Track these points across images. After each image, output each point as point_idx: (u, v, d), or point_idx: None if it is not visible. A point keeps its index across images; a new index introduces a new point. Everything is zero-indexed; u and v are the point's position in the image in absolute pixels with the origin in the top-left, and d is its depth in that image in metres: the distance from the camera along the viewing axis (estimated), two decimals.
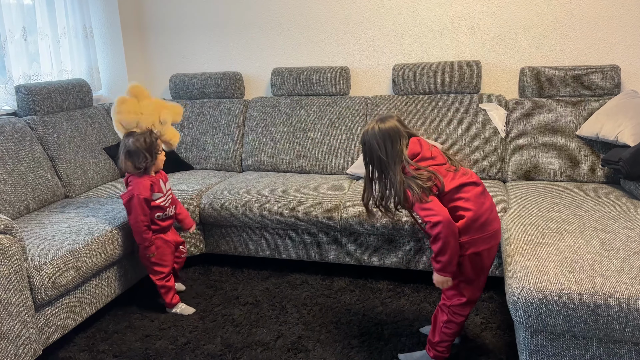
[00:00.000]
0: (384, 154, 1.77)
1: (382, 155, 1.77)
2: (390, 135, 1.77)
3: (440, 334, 1.87)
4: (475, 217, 1.72)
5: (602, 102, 2.78)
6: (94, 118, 3.17)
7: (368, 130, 1.81)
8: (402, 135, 1.79)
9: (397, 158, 1.76)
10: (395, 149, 1.76)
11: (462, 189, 1.75)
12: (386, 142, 1.77)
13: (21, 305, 1.83)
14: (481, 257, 1.78)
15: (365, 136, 1.82)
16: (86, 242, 2.15)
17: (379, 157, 1.78)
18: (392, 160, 1.77)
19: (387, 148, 1.77)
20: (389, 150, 1.77)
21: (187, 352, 2.08)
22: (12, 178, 2.49)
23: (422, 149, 1.79)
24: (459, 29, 3.14)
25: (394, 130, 1.78)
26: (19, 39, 2.93)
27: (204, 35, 3.61)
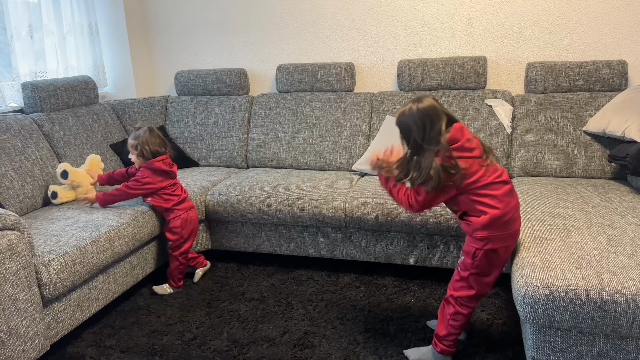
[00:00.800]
0: (421, 136, 1.69)
1: (417, 137, 1.70)
2: (430, 115, 1.69)
3: (448, 326, 1.85)
4: (501, 215, 1.69)
5: (609, 97, 2.76)
6: (99, 115, 3.18)
7: (405, 112, 1.73)
8: (440, 116, 1.70)
9: (434, 139, 1.68)
10: (434, 129, 1.68)
11: (492, 186, 1.71)
12: (425, 122, 1.69)
13: (29, 301, 1.84)
14: (497, 254, 1.75)
15: (402, 117, 1.74)
16: (93, 239, 2.16)
17: (414, 139, 1.70)
18: (427, 142, 1.69)
19: (426, 129, 1.69)
20: (428, 131, 1.69)
21: (193, 348, 2.09)
22: (19, 175, 2.50)
23: (463, 137, 1.70)
24: (464, 24, 3.13)
25: (433, 110, 1.70)
26: (25, 36, 2.95)
27: (209, 32, 3.61)
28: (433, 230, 2.44)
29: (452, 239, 2.48)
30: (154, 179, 2.47)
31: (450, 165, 1.66)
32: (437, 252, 2.52)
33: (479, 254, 1.74)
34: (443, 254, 2.51)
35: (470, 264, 1.77)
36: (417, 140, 1.70)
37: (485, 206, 1.70)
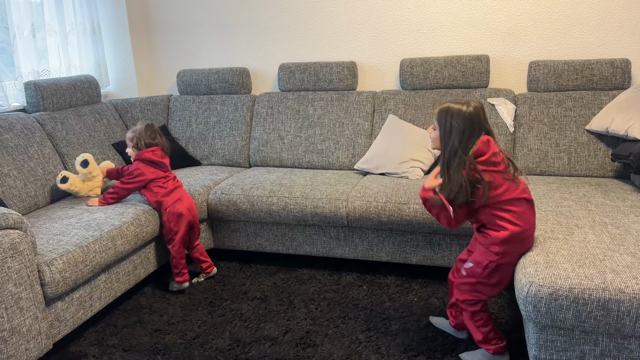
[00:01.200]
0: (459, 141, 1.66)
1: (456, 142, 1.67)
2: (473, 124, 1.67)
3: (479, 329, 1.85)
4: (520, 232, 1.70)
5: (612, 96, 2.75)
6: (102, 114, 3.18)
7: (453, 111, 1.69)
8: (482, 127, 1.68)
9: (467, 148, 1.66)
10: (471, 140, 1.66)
11: (514, 202, 1.69)
12: (466, 129, 1.66)
13: (32, 300, 1.85)
14: (509, 267, 1.77)
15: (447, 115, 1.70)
16: (95, 238, 2.16)
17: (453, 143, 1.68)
18: (464, 149, 1.66)
19: (466, 135, 1.66)
20: (465, 138, 1.66)
21: (196, 347, 2.09)
22: (22, 174, 2.51)
23: (489, 151, 1.68)
24: (466, 23, 3.12)
25: (477, 120, 1.67)
26: (27, 36, 2.95)
27: (211, 31, 3.61)
28: (435, 229, 2.44)
29: (454, 238, 2.48)
30: (145, 170, 2.52)
31: (475, 179, 1.66)
32: (440, 251, 2.51)
33: (491, 266, 1.75)
34: (445, 252, 2.51)
35: (479, 273, 1.78)
36: (454, 145, 1.68)
37: (505, 221, 1.70)
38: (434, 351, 1.99)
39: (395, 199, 2.47)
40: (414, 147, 2.82)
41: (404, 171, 2.77)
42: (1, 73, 2.83)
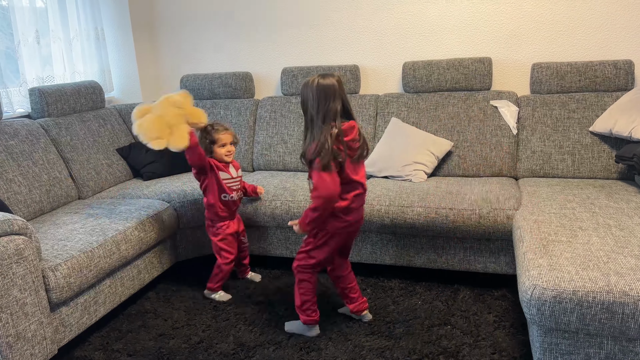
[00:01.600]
0: (315, 109, 1.88)
1: (312, 109, 1.89)
2: (326, 93, 1.88)
3: (300, 296, 2.10)
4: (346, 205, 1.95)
5: (615, 97, 2.75)
6: (106, 119, 3.20)
7: (308, 83, 1.91)
8: (336, 96, 1.89)
9: (327, 116, 1.87)
10: (327, 106, 1.87)
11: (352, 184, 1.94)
12: (320, 97, 1.88)
13: (37, 305, 1.86)
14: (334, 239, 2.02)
15: (303, 88, 1.93)
16: (100, 243, 2.17)
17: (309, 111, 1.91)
18: (320, 116, 1.88)
19: (320, 104, 1.88)
20: (321, 106, 1.88)
21: (200, 351, 2.09)
22: (26, 180, 2.52)
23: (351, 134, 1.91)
24: (469, 25, 3.12)
25: (332, 89, 1.88)
26: (32, 42, 2.97)
27: (215, 36, 3.62)
28: (439, 232, 2.43)
29: (458, 241, 2.47)
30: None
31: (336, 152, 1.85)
32: (443, 254, 2.51)
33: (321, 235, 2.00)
34: (449, 256, 2.50)
35: (313, 241, 2.03)
36: (311, 112, 1.90)
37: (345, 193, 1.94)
38: (437, 354, 1.98)
39: (398, 202, 2.47)
40: (417, 150, 2.82)
41: (407, 174, 2.77)
42: (6, 79, 2.85)
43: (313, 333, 2.15)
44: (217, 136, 2.41)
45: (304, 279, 2.08)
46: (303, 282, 2.09)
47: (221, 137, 2.41)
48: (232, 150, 2.44)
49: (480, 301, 2.37)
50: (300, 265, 2.08)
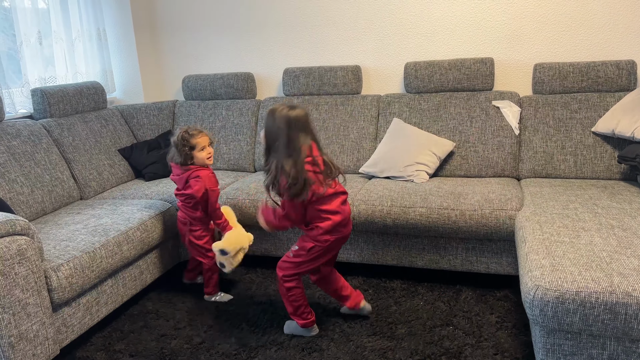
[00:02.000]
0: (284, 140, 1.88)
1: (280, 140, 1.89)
2: (298, 126, 1.89)
3: (291, 303, 2.10)
4: (341, 220, 1.97)
5: (617, 97, 2.74)
6: (108, 120, 3.20)
7: (276, 112, 1.91)
8: (307, 129, 1.92)
9: (296, 150, 1.88)
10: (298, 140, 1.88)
11: (332, 198, 1.97)
12: (289, 130, 1.88)
13: (39, 306, 1.86)
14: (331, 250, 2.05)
15: (271, 117, 1.92)
16: (102, 243, 2.17)
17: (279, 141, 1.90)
18: (283, 147, 1.89)
19: (289, 136, 1.88)
20: (292, 138, 1.88)
21: (202, 352, 2.09)
22: (29, 180, 2.53)
23: (312, 155, 1.93)
24: (471, 25, 3.12)
25: (303, 122, 1.90)
26: (34, 43, 2.98)
27: (216, 36, 3.63)
28: (441, 233, 2.43)
29: (460, 242, 2.47)
30: None
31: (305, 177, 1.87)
32: (446, 254, 2.51)
33: (316, 249, 2.00)
34: (451, 256, 2.50)
35: (304, 254, 2.02)
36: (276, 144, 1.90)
37: (327, 213, 1.95)
38: (439, 355, 1.98)
39: (400, 202, 2.47)
40: (419, 151, 2.82)
41: (409, 174, 2.77)
42: (8, 80, 2.86)
43: (312, 333, 2.16)
44: (195, 141, 2.33)
45: (292, 287, 2.08)
46: (292, 289, 2.08)
47: (199, 141, 2.34)
48: (211, 152, 2.40)
49: (482, 302, 2.37)
50: (286, 275, 2.07)
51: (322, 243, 1.99)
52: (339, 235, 2.00)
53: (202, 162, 2.37)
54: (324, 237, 1.98)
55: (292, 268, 2.06)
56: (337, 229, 1.98)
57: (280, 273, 2.08)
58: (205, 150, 2.36)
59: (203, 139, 2.35)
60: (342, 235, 2.02)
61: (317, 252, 2.01)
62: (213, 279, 2.49)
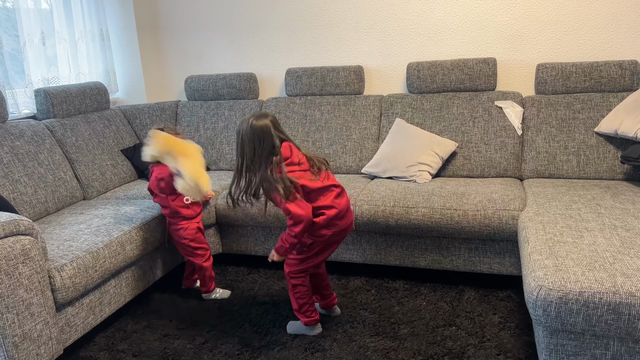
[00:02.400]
0: (252, 151, 1.94)
1: (248, 151, 1.95)
2: (259, 135, 1.93)
3: (297, 300, 2.11)
4: (336, 214, 1.97)
5: (620, 97, 2.74)
6: (111, 120, 3.21)
7: (242, 124, 1.96)
8: (271, 136, 1.94)
9: (264, 157, 1.94)
10: (262, 148, 1.94)
11: (322, 192, 1.97)
12: (255, 140, 1.94)
13: (43, 305, 1.86)
14: (332, 244, 2.05)
15: (239, 128, 1.98)
16: (105, 243, 2.17)
17: (247, 152, 1.96)
18: (258, 157, 1.94)
19: (256, 146, 1.94)
20: (257, 148, 1.94)
21: (205, 352, 2.10)
22: (32, 180, 2.53)
23: (292, 155, 1.97)
24: (473, 25, 3.12)
25: (264, 131, 1.94)
26: (37, 43, 2.98)
27: (219, 37, 3.63)
28: (444, 233, 2.43)
29: (463, 242, 2.47)
30: None
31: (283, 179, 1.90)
32: (448, 255, 2.51)
33: (317, 244, 2.02)
34: (454, 256, 2.50)
35: (306, 251, 2.04)
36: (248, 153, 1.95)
37: (322, 209, 1.96)
38: (442, 355, 1.98)
39: (403, 202, 2.47)
40: (422, 151, 2.82)
41: (412, 175, 2.77)
42: (12, 80, 2.87)
43: (315, 332, 2.16)
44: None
45: (298, 284, 2.10)
46: (297, 286, 2.10)
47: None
48: None
49: (485, 302, 2.37)
50: (292, 271, 2.09)
51: (320, 237, 2.00)
52: (336, 228, 2.00)
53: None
54: (320, 232, 1.98)
55: (297, 264, 2.07)
56: (332, 222, 1.98)
57: (287, 269, 2.10)
58: None
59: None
60: (340, 229, 2.01)
61: (317, 246, 2.03)
62: (207, 277, 2.47)
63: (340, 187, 2.04)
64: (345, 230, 2.04)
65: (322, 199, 1.97)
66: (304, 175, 1.96)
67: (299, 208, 1.93)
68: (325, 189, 1.99)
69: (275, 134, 1.96)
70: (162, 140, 2.29)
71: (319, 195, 1.98)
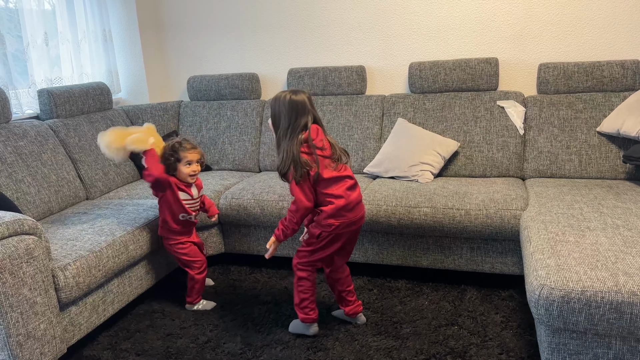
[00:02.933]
0: (287, 122, 1.95)
1: (284, 122, 1.96)
2: (295, 109, 1.94)
3: (298, 293, 2.10)
4: (345, 204, 1.96)
5: (622, 97, 2.74)
6: (114, 120, 3.22)
7: (279, 97, 1.97)
8: (305, 113, 1.95)
9: (296, 131, 1.94)
10: (296, 122, 1.94)
11: (335, 182, 1.97)
12: (291, 113, 1.94)
13: (46, 305, 1.87)
14: (340, 237, 2.03)
15: (274, 103, 1.99)
16: (108, 243, 2.18)
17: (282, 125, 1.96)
18: (291, 131, 1.95)
19: (291, 119, 1.95)
20: (292, 121, 1.95)
21: (207, 351, 2.10)
22: (35, 180, 2.54)
23: (317, 137, 1.97)
24: (475, 25, 3.12)
25: (300, 106, 1.95)
26: (40, 44, 2.99)
27: (221, 37, 3.64)
28: (446, 233, 2.43)
29: (465, 241, 2.47)
30: None
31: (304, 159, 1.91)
32: (450, 254, 2.51)
33: (324, 235, 2.01)
34: (456, 256, 2.50)
35: (315, 242, 2.04)
36: (283, 126, 1.96)
37: (332, 197, 1.97)
38: (444, 355, 1.98)
39: (405, 202, 2.48)
40: (424, 151, 2.82)
41: (414, 174, 2.78)
42: (15, 81, 2.88)
43: (311, 331, 2.15)
44: (184, 154, 2.27)
45: (303, 277, 2.09)
46: (302, 279, 2.09)
47: (188, 155, 2.27)
48: (197, 170, 2.31)
49: (487, 301, 2.37)
50: (300, 262, 2.09)
51: (327, 227, 1.98)
52: (344, 219, 1.98)
53: (185, 178, 2.30)
54: (327, 221, 1.97)
55: (306, 256, 2.07)
56: (340, 212, 1.97)
57: (295, 260, 2.10)
58: (191, 167, 2.28)
59: (193, 155, 2.28)
60: (349, 220, 1.99)
61: (325, 238, 2.02)
62: (195, 289, 2.42)
63: (354, 179, 2.04)
64: (353, 223, 2.02)
65: (334, 188, 1.97)
66: (323, 162, 1.95)
67: (302, 194, 1.94)
68: (339, 178, 1.98)
69: (310, 111, 1.97)
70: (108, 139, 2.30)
71: (332, 184, 1.97)
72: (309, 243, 2.07)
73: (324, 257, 2.08)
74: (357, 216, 2.03)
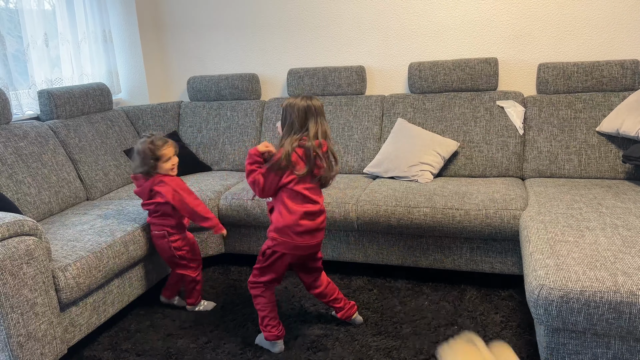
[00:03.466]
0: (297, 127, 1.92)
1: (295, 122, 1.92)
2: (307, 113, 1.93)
3: (257, 312, 2.06)
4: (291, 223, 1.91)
5: (622, 97, 2.74)
6: (114, 121, 3.22)
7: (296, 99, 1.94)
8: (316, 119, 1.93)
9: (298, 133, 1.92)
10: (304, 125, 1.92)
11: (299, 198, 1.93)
12: (302, 116, 1.92)
13: (47, 305, 1.87)
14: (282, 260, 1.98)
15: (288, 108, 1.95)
16: (109, 243, 2.19)
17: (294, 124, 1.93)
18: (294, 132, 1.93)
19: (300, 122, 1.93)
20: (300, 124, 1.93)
21: (208, 351, 2.11)
22: (36, 181, 2.55)
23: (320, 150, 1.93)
24: (475, 25, 3.12)
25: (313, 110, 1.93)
26: (40, 45, 3.00)
27: (221, 38, 3.64)
28: (446, 233, 2.44)
29: (464, 241, 2.47)
30: None
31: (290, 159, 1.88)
32: (450, 254, 2.51)
33: (268, 253, 1.98)
34: (456, 256, 2.51)
35: (260, 260, 2.01)
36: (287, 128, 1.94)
37: (285, 209, 1.93)
38: None
39: (404, 202, 2.48)
40: (423, 151, 2.83)
41: (414, 174, 2.78)
42: (15, 82, 2.88)
43: (276, 349, 2.06)
44: (161, 152, 2.25)
45: (257, 294, 2.04)
46: (257, 297, 2.04)
47: (165, 152, 2.25)
48: (175, 162, 2.31)
49: (487, 301, 2.38)
50: (250, 281, 2.05)
51: (270, 241, 1.95)
52: (288, 239, 1.93)
53: (167, 172, 2.29)
54: (271, 234, 1.95)
55: (256, 275, 2.03)
56: (285, 230, 1.92)
57: (249, 279, 2.06)
58: (170, 161, 2.28)
59: (169, 150, 2.27)
60: (294, 243, 1.93)
61: (270, 256, 1.97)
62: (196, 290, 2.41)
63: (321, 209, 1.99)
64: (299, 249, 1.95)
65: (293, 202, 1.93)
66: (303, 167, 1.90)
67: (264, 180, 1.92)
68: (305, 197, 1.93)
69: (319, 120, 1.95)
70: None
71: (294, 198, 1.93)
72: (257, 260, 2.02)
73: (274, 278, 2.02)
74: (305, 244, 1.95)
